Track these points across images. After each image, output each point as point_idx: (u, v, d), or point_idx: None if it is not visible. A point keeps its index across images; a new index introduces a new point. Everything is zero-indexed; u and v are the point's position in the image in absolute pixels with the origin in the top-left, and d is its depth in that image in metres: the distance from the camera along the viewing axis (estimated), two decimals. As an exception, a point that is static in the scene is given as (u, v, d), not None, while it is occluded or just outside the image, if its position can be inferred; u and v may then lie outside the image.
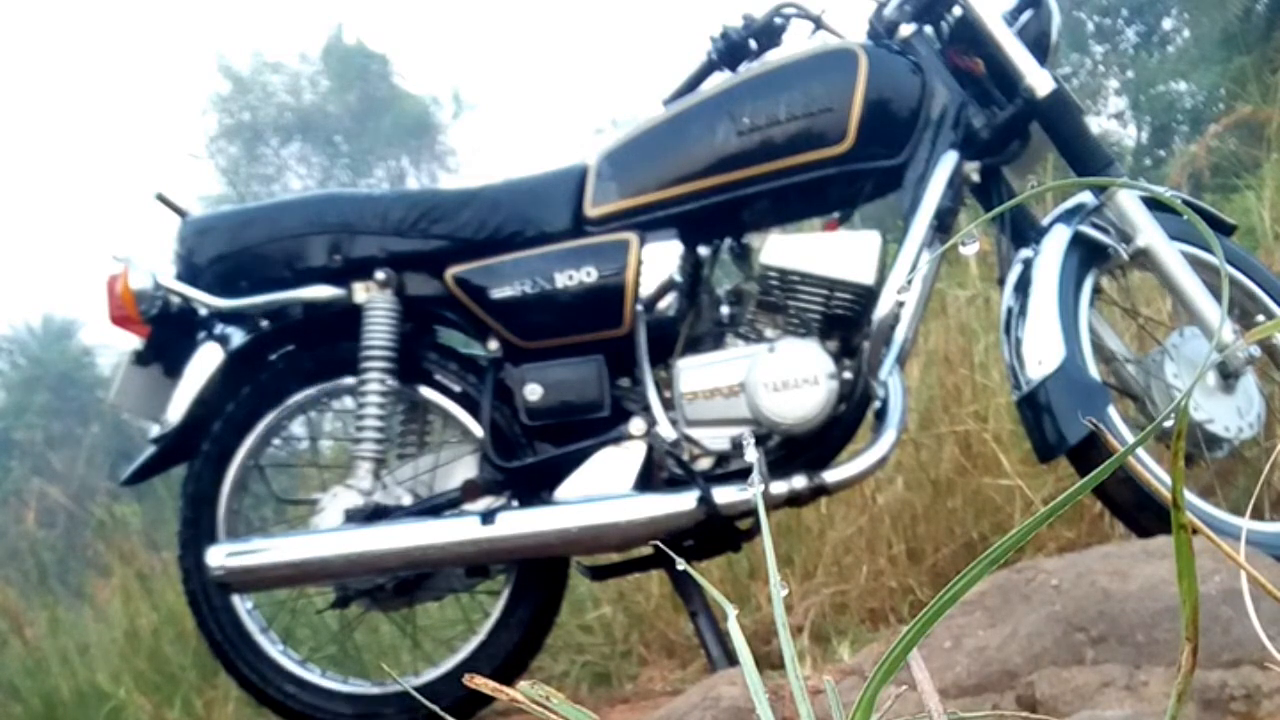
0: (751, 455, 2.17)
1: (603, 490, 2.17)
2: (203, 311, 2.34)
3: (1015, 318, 2.13)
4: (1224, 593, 1.28)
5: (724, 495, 2.12)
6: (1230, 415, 2.09)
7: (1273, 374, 2.33)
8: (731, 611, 0.53)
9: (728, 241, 2.32)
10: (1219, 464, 2.29)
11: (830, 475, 2.14)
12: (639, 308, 2.22)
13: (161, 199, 2.43)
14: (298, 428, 2.59)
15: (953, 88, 2.23)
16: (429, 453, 2.38)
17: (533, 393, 2.24)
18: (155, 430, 2.37)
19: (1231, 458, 2.22)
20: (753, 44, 2.40)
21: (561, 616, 2.55)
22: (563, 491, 2.20)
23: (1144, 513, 2.02)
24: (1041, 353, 2.05)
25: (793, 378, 2.11)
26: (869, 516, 2.87)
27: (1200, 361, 2.12)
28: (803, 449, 2.17)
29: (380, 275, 2.29)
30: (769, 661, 2.42)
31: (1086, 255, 2.17)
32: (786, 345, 2.15)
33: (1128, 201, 2.14)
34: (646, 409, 2.20)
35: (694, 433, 2.18)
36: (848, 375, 2.16)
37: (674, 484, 2.17)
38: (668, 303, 2.24)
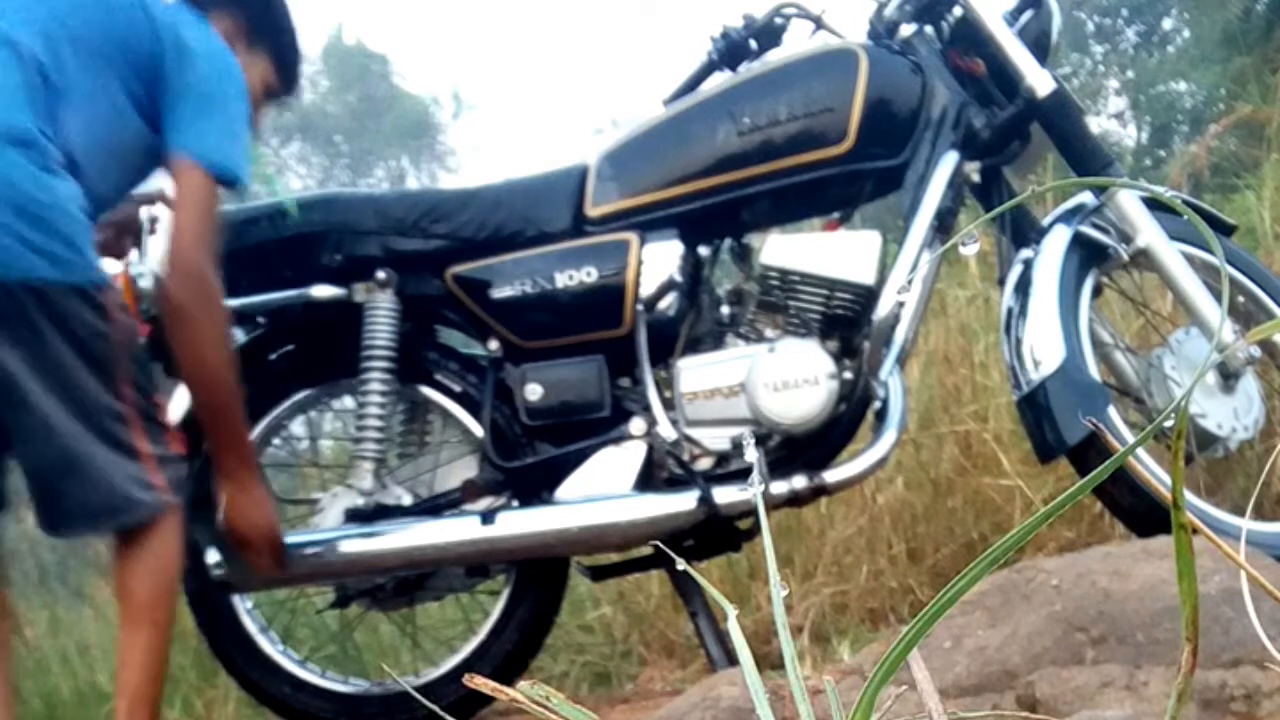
0: (751, 455, 2.17)
1: (603, 490, 2.17)
2: (203, 311, 2.34)
3: (1015, 318, 2.13)
4: (1224, 593, 1.28)
5: (724, 495, 2.12)
6: (1226, 414, 2.09)
7: (1273, 375, 2.33)
8: (731, 611, 0.53)
9: (728, 241, 2.32)
10: (1214, 464, 2.29)
11: (830, 475, 2.14)
12: (639, 308, 2.22)
13: (162, 199, 2.43)
14: (298, 428, 2.58)
15: (953, 88, 2.23)
16: (429, 453, 2.38)
17: (533, 393, 2.24)
18: (155, 430, 2.36)
19: (1226, 457, 2.22)
20: (753, 44, 2.39)
21: (561, 616, 2.55)
22: (563, 491, 2.20)
23: (1143, 512, 2.02)
24: (1042, 353, 2.05)
25: (793, 378, 2.11)
26: (869, 516, 2.87)
27: (1200, 360, 2.12)
28: (803, 449, 2.17)
29: (380, 275, 2.29)
30: (769, 661, 2.42)
31: (1087, 256, 2.17)
32: (786, 345, 2.15)
33: (1128, 201, 2.15)
34: (647, 409, 2.20)
35: (694, 433, 2.18)
36: (848, 375, 2.16)
37: (674, 484, 2.16)
38: (668, 303, 2.23)
